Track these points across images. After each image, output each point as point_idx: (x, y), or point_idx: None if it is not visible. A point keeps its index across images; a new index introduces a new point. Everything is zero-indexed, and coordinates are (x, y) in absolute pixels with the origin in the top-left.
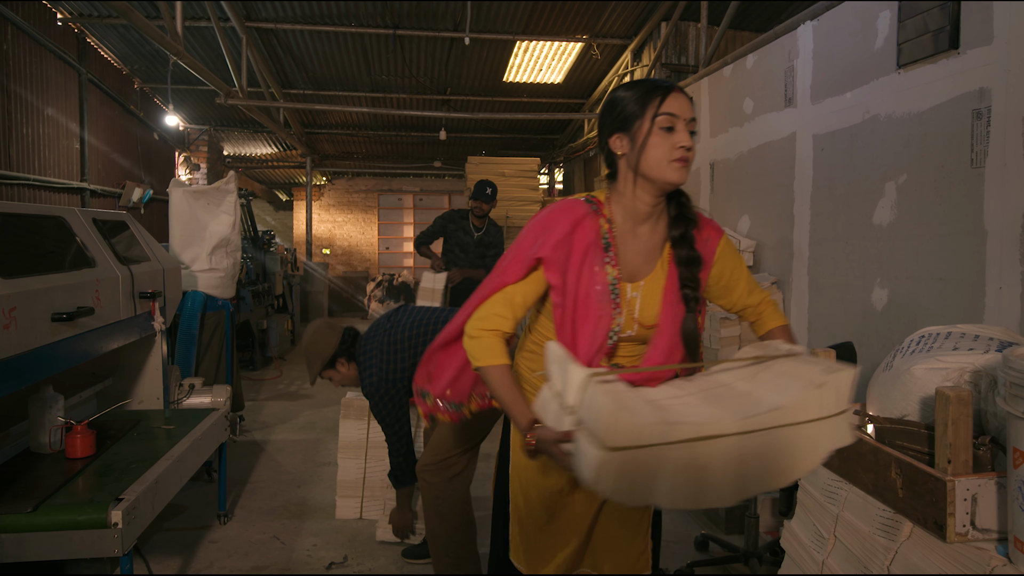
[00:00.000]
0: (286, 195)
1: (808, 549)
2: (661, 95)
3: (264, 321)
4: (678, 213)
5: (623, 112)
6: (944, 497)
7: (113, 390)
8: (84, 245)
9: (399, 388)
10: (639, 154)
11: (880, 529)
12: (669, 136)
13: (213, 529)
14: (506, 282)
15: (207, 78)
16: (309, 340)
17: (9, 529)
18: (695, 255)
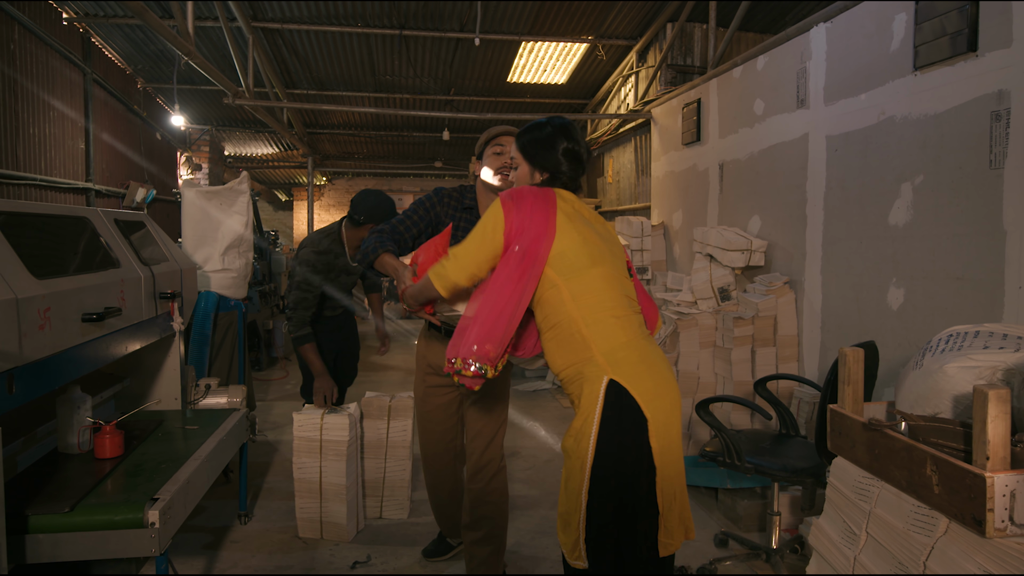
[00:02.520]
0: (286, 195)
1: (839, 546)
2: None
3: (270, 321)
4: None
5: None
6: (983, 493)
7: (131, 390)
8: (108, 246)
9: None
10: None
11: (915, 525)
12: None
13: (234, 529)
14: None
15: (216, 78)
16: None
17: (46, 529)
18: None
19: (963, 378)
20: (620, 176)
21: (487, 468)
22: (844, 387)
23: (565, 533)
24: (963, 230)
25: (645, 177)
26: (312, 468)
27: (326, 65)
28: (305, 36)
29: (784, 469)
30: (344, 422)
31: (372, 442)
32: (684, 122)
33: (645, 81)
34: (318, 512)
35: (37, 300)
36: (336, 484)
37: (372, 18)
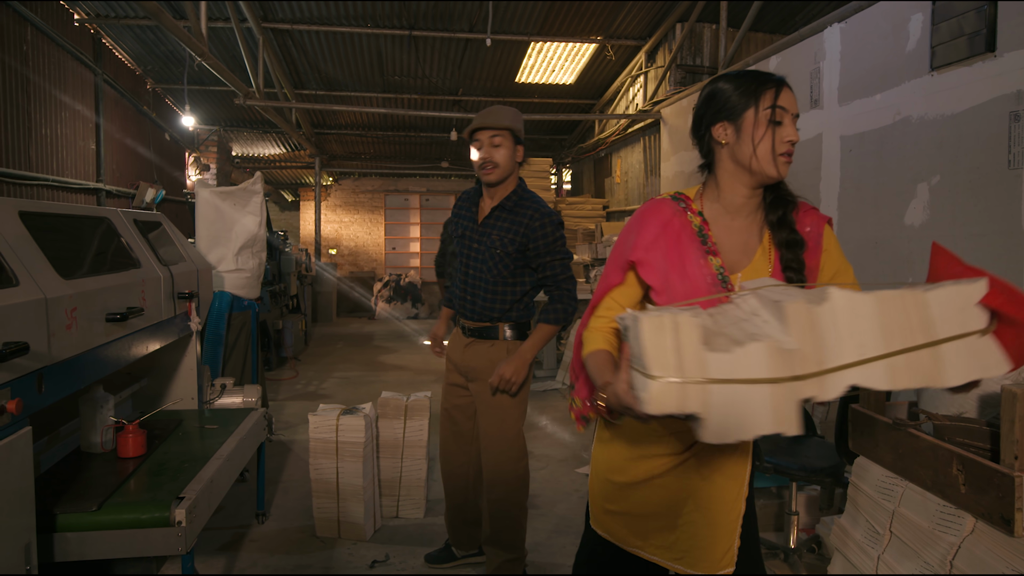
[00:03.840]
0: (292, 195)
1: (862, 545)
2: (775, 88)
3: (279, 321)
4: (775, 197)
5: (730, 101)
6: (1012, 492)
7: (147, 390)
8: (129, 246)
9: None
10: (748, 145)
11: (941, 525)
12: (779, 130)
13: (252, 528)
14: (611, 285)
15: (228, 79)
16: (512, 109)
17: (74, 528)
18: (796, 237)
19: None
20: (629, 176)
21: (500, 481)
22: None
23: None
24: (981, 230)
25: (654, 177)
26: (329, 469)
27: (335, 65)
28: (315, 36)
29: (803, 469)
30: (360, 423)
31: (388, 442)
32: None
33: (654, 81)
34: (336, 512)
35: (64, 300)
36: (353, 485)
37: (382, 19)
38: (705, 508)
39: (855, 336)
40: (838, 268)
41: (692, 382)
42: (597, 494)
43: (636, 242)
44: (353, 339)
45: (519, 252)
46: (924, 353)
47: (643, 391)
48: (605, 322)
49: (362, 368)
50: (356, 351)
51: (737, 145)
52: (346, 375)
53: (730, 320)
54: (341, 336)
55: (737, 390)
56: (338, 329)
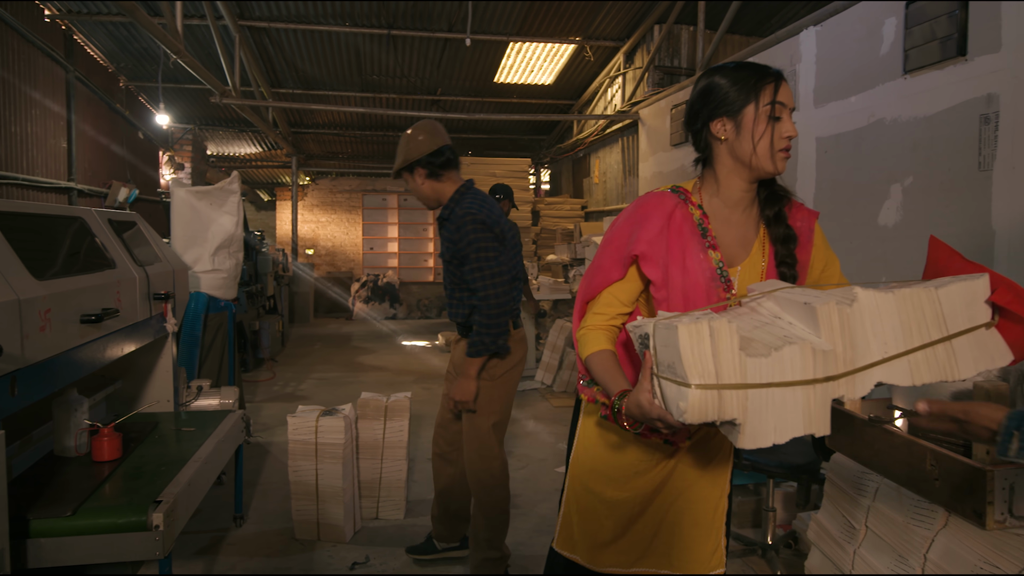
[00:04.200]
0: (268, 195)
1: (838, 540)
2: (775, 82)
3: (256, 322)
4: (769, 193)
5: (729, 96)
6: (984, 486)
7: (122, 392)
8: (103, 246)
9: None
10: (747, 142)
11: (915, 518)
12: (778, 125)
13: (230, 531)
14: (610, 279)
15: (204, 77)
16: (408, 133)
17: (48, 533)
18: (790, 232)
19: None
20: (607, 176)
21: (473, 479)
22: None
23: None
24: (953, 230)
25: (632, 177)
26: (308, 471)
27: (313, 64)
28: (292, 35)
29: (780, 465)
30: (339, 424)
31: (368, 443)
32: (673, 123)
33: (632, 82)
34: (315, 514)
35: (38, 301)
36: (333, 486)
37: (360, 17)
38: (691, 508)
39: (879, 335)
40: (827, 261)
41: (732, 387)
42: (576, 510)
43: (640, 235)
44: (331, 340)
45: (459, 260)
46: (940, 348)
47: (682, 400)
48: (604, 319)
49: (341, 369)
50: (334, 352)
51: (737, 141)
52: (324, 376)
53: (753, 324)
54: (319, 337)
55: (774, 393)
56: (316, 330)
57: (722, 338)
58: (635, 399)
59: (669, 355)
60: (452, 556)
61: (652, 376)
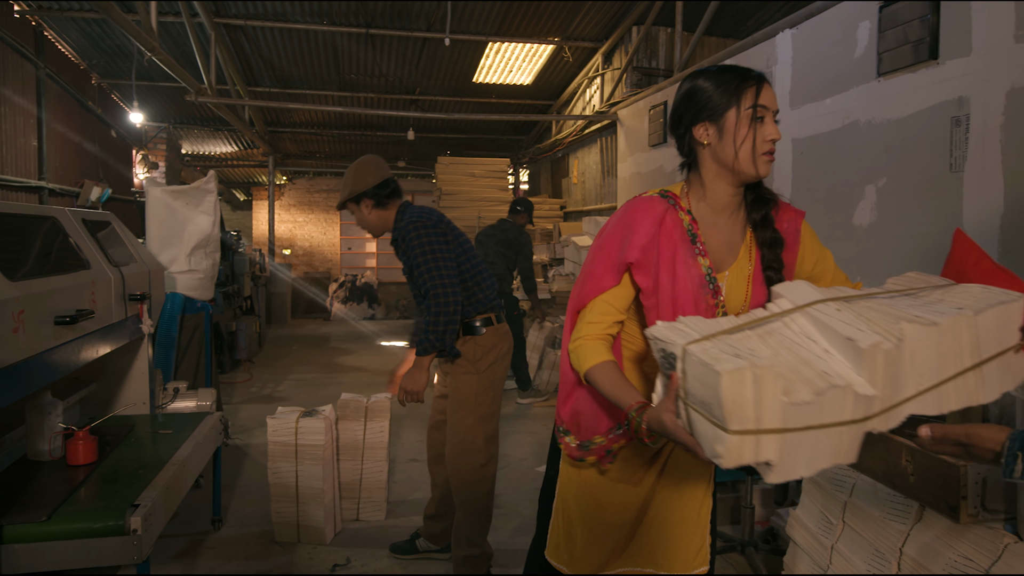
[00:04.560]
0: (244, 194)
1: (816, 535)
2: (756, 85)
3: (233, 323)
4: (756, 196)
5: (712, 101)
6: (957, 481)
7: (97, 395)
8: (78, 247)
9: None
10: (730, 146)
11: (891, 513)
12: (760, 128)
13: (208, 535)
14: (603, 287)
15: (179, 75)
16: (354, 167)
17: (23, 539)
18: (777, 236)
19: None
20: (586, 177)
21: (454, 473)
22: None
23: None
24: (926, 230)
25: (611, 178)
26: (288, 472)
27: (290, 63)
28: (269, 33)
29: None
30: (320, 425)
31: (348, 444)
32: (651, 124)
33: (611, 83)
34: (295, 516)
35: (11, 303)
36: (313, 488)
37: (338, 16)
38: (678, 507)
39: (916, 368)
40: (818, 256)
41: (772, 432)
42: (564, 519)
43: (632, 242)
44: (309, 340)
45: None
46: (970, 375)
47: (718, 443)
48: (600, 328)
49: (319, 370)
50: (313, 353)
51: (719, 146)
52: (303, 377)
53: (784, 345)
54: (297, 338)
55: (811, 434)
56: (293, 331)
57: (767, 384)
58: (657, 417)
59: (704, 393)
60: (434, 557)
61: (677, 399)
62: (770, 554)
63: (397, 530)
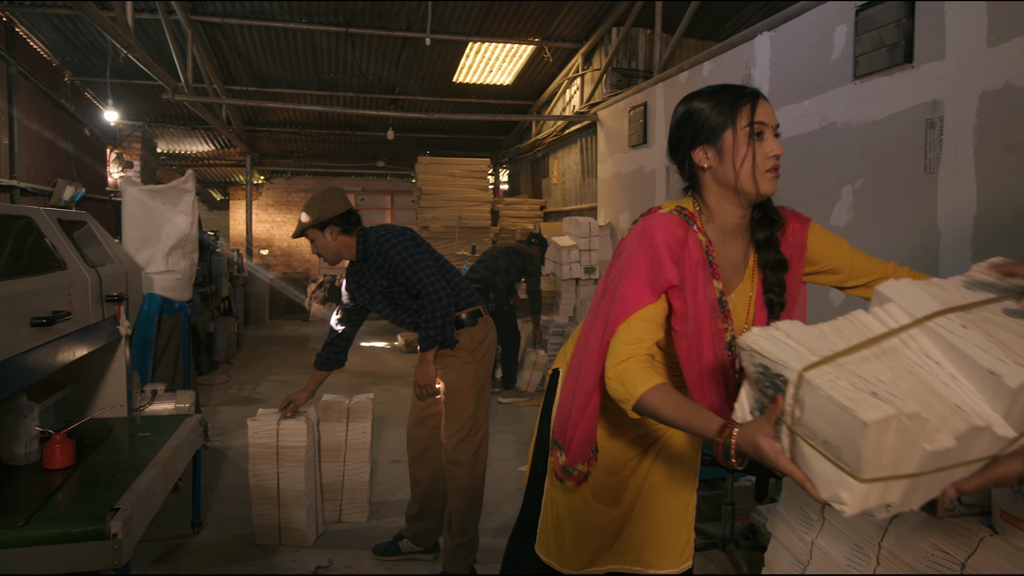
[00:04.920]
0: (221, 194)
1: (796, 531)
2: (750, 102)
3: (210, 324)
4: (762, 216)
5: (708, 123)
6: None
7: (73, 398)
8: (54, 247)
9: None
10: (730, 167)
11: None
12: (760, 145)
13: (188, 539)
14: (642, 303)
15: (156, 73)
16: (314, 195)
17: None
18: (781, 258)
19: None
20: (565, 177)
21: (456, 461)
22: None
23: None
24: (901, 230)
25: (591, 178)
26: (269, 475)
27: (268, 61)
28: (247, 31)
29: None
30: (301, 427)
31: (330, 445)
32: (631, 125)
33: (590, 84)
34: (276, 518)
35: None
36: (295, 490)
37: (317, 15)
38: (666, 505)
39: None
40: (830, 252)
41: (904, 477)
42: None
43: (668, 262)
44: (288, 341)
45: (394, 275)
46: None
47: (843, 490)
48: (644, 348)
49: (299, 371)
50: (292, 354)
51: (720, 168)
52: (282, 378)
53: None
54: (275, 339)
55: (938, 474)
56: (272, 331)
57: (911, 434)
58: (752, 440)
59: (830, 433)
60: (418, 558)
61: (778, 423)
62: (751, 550)
63: (380, 531)
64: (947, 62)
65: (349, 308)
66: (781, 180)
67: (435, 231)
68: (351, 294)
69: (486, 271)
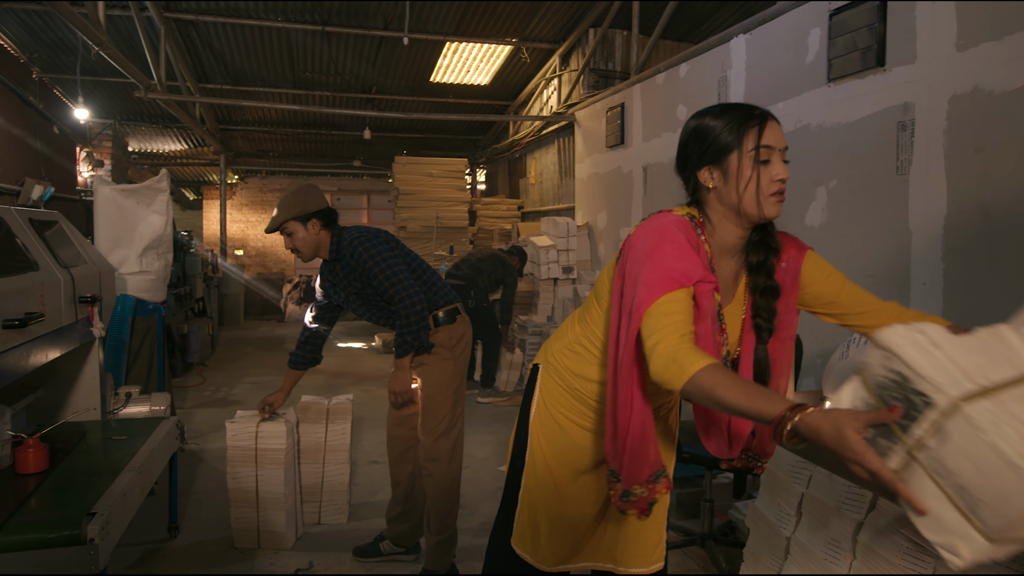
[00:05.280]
0: (194, 193)
1: (774, 526)
2: (758, 125)
3: (185, 326)
4: (760, 239)
5: (715, 144)
6: None
7: (44, 401)
8: (25, 247)
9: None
10: (734, 190)
11: (846, 503)
12: (766, 169)
13: (165, 543)
14: (676, 285)
15: (128, 70)
16: (295, 189)
17: None
18: (773, 285)
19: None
20: (543, 177)
21: (433, 457)
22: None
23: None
24: (874, 230)
25: (568, 178)
26: (248, 477)
27: (243, 59)
28: (221, 29)
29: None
30: (281, 430)
31: (310, 447)
32: (608, 125)
33: (568, 85)
34: (255, 521)
35: None
36: (274, 493)
37: (294, 13)
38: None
39: None
40: (824, 280)
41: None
42: (530, 510)
43: (695, 259)
44: (263, 343)
45: (367, 279)
46: None
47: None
48: (683, 319)
49: (275, 373)
50: (267, 355)
51: (724, 189)
52: (258, 380)
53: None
54: (250, 340)
55: None
56: (247, 333)
57: None
58: (837, 428)
59: (976, 483)
60: (399, 559)
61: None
62: (729, 546)
63: (360, 533)
64: (918, 66)
65: (323, 306)
66: None
67: (413, 231)
68: (325, 292)
69: (470, 270)
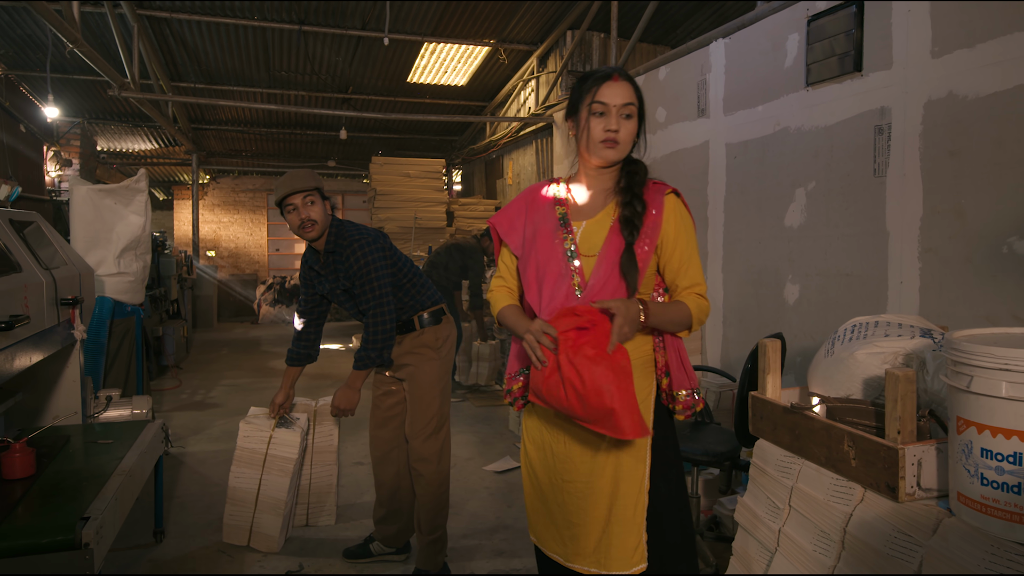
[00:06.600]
0: (164, 194)
1: (763, 520)
2: (595, 85)
3: (159, 328)
4: (628, 172)
5: (572, 100)
6: (896, 463)
7: (25, 404)
8: (7, 249)
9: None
10: (579, 138)
11: (835, 496)
12: (599, 121)
13: (150, 548)
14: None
15: (101, 68)
16: (305, 171)
17: None
18: (633, 198)
19: (871, 363)
20: (521, 178)
21: (423, 458)
22: (764, 375)
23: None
24: (851, 231)
25: None
26: (251, 479)
27: (217, 58)
28: (195, 27)
29: (705, 453)
30: (295, 439)
31: None
32: None
33: (545, 86)
34: (249, 521)
35: None
36: (275, 498)
37: (270, 12)
38: (614, 506)
39: None
40: (674, 242)
41: None
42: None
43: (502, 214)
44: (238, 345)
45: (355, 284)
46: None
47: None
48: (497, 282)
49: (251, 375)
50: (243, 357)
51: (579, 136)
52: (235, 382)
53: None
54: (225, 342)
55: None
56: (221, 335)
57: None
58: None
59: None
60: (389, 559)
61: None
62: (715, 541)
63: (348, 534)
64: (894, 71)
65: (308, 299)
66: (736, 182)
67: (391, 232)
68: (306, 282)
69: (427, 267)
